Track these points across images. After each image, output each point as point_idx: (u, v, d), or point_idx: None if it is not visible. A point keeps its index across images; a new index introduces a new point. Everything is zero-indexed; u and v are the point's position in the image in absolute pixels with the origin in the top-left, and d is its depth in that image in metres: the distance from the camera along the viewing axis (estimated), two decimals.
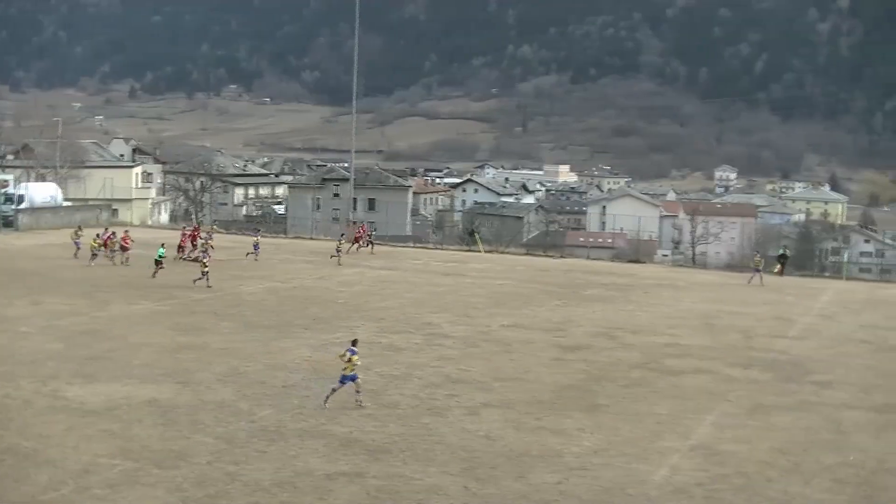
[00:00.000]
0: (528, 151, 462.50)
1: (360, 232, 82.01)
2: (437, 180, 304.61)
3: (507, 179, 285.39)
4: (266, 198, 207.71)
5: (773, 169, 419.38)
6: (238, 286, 56.33)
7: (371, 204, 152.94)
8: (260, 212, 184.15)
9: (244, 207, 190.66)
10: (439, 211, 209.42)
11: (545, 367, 38.57)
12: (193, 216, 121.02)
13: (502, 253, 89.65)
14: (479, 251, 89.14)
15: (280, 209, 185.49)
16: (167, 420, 29.30)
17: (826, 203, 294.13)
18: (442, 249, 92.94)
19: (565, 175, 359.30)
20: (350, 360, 31.36)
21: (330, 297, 54.73)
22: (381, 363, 37.80)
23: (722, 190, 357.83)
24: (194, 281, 55.85)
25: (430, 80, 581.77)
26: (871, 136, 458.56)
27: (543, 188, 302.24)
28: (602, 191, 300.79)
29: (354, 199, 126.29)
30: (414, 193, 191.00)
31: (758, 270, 70.81)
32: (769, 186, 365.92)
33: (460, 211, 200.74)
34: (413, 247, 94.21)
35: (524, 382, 35.89)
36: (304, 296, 54.74)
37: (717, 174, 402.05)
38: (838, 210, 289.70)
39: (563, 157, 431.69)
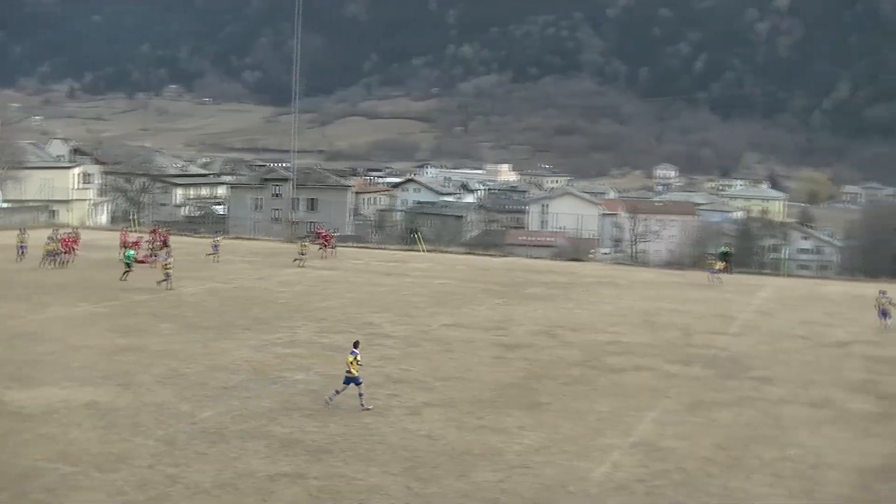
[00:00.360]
0: (469, 151, 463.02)
1: (326, 234, 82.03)
2: (378, 180, 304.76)
3: (447, 179, 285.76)
4: (206, 198, 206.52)
5: (713, 167, 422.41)
6: (178, 287, 56.01)
7: (312, 204, 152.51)
8: (200, 212, 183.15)
9: (184, 208, 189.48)
10: (380, 210, 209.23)
11: (486, 366, 38.65)
12: (133, 217, 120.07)
13: (443, 252, 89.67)
14: (421, 250, 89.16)
15: (220, 209, 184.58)
16: (107, 423, 29.12)
17: (765, 201, 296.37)
18: (383, 249, 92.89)
19: (506, 174, 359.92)
20: (354, 361, 31.71)
21: (270, 297, 54.61)
22: (322, 363, 37.76)
23: (662, 188, 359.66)
24: (158, 282, 56.25)
25: (370, 79, 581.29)
26: (809, 135, 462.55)
27: (484, 187, 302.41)
28: (543, 189, 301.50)
29: (295, 199, 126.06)
30: (355, 193, 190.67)
31: (713, 270, 71.65)
32: (709, 184, 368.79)
33: (401, 210, 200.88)
34: (354, 246, 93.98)
35: (465, 381, 35.95)
36: (244, 296, 54.54)
37: (658, 172, 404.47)
38: (777, 208, 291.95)
39: (504, 157, 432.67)
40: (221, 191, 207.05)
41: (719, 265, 75.18)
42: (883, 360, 43.19)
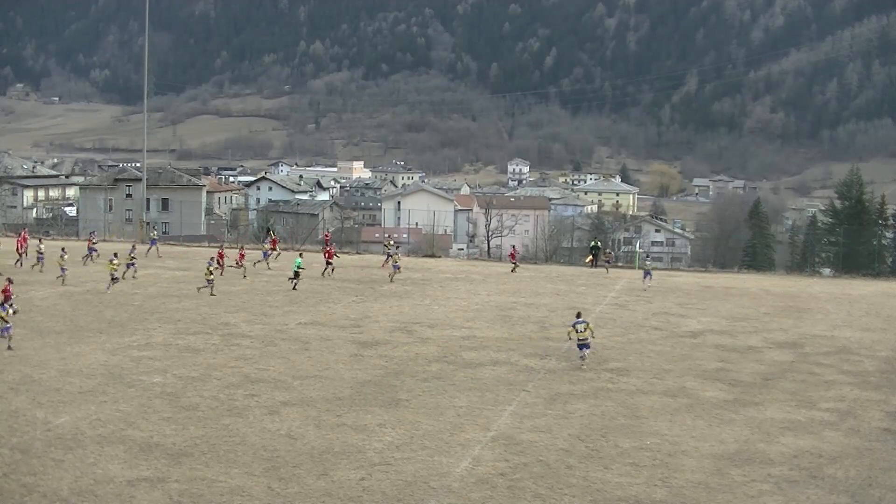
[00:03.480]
0: (322, 148, 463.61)
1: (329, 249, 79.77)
2: (231, 179, 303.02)
3: (301, 177, 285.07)
4: (57, 199, 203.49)
5: (565, 161, 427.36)
6: (29, 291, 54.89)
7: (164, 204, 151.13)
8: (51, 214, 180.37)
9: (34, 210, 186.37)
10: (234, 210, 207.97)
11: (344, 364, 38.61)
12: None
13: (297, 251, 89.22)
14: (275, 249, 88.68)
15: (71, 211, 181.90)
16: None
17: (617, 194, 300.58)
18: (237, 248, 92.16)
19: (359, 171, 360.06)
20: (587, 328, 39.21)
21: (125, 299, 53.78)
22: (178, 365, 37.40)
23: (515, 183, 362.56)
24: (199, 289, 56.84)
25: (221, 77, 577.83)
26: (658, 129, 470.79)
27: (338, 185, 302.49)
28: (396, 186, 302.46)
29: (147, 200, 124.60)
30: (208, 192, 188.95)
31: (608, 262, 73.16)
32: (561, 179, 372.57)
33: (255, 209, 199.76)
34: (208, 246, 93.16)
35: (323, 380, 35.89)
36: (98, 299, 53.63)
37: (510, 168, 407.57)
38: (629, 201, 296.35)
39: (357, 154, 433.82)
40: (72, 192, 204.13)
41: (588, 258, 76.28)
42: (734, 349, 44.05)
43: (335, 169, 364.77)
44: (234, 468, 25.72)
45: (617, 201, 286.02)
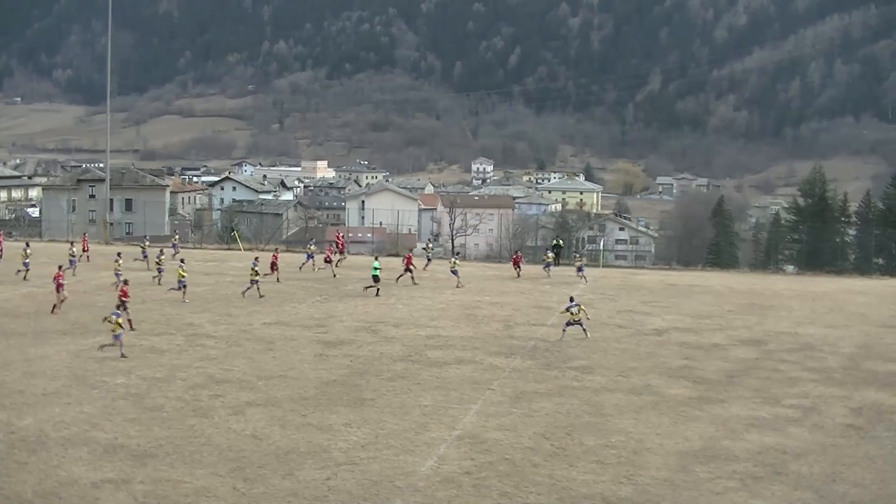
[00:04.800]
0: (286, 148, 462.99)
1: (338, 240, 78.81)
2: (195, 179, 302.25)
3: (265, 177, 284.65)
4: (19, 200, 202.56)
5: (529, 160, 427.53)
6: None
7: (128, 204, 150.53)
8: (13, 215, 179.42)
9: None
10: (198, 210, 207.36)
11: (308, 364, 38.58)
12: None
13: (262, 250, 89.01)
14: (239, 249, 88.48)
15: (34, 212, 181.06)
16: None
17: (581, 193, 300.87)
18: (201, 248, 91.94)
19: (323, 171, 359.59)
20: (580, 310, 45.19)
21: (88, 301, 53.53)
22: (142, 366, 37.27)
23: (479, 182, 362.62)
24: (244, 292, 56.74)
25: (185, 77, 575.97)
26: (622, 127, 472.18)
27: (302, 184, 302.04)
28: (360, 186, 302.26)
29: (111, 200, 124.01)
30: (171, 193, 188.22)
31: (547, 264, 72.41)
32: (525, 177, 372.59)
33: (219, 209, 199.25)
34: (172, 246, 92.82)
35: (288, 380, 35.86)
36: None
37: (474, 166, 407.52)
38: (593, 199, 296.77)
39: (321, 153, 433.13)
40: (35, 193, 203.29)
41: (549, 257, 76.19)
42: (698, 347, 44.20)
43: (299, 168, 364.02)
44: (199, 469, 25.66)
45: (581, 200, 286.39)
